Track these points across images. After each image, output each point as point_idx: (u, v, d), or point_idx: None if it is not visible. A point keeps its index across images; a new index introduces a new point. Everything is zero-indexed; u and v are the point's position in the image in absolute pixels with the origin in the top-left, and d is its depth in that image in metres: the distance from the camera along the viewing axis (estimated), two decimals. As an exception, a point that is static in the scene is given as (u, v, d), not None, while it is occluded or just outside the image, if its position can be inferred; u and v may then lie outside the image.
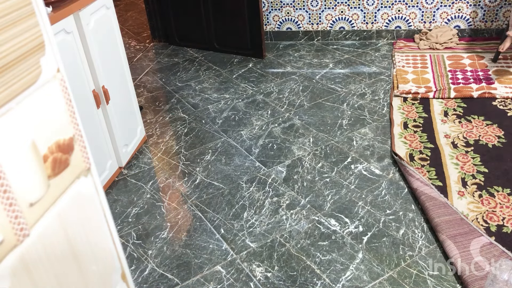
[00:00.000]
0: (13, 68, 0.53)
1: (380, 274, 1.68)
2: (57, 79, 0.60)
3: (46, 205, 0.59)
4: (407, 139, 2.40)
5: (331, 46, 3.69)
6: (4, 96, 0.52)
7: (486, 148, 2.28)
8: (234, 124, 2.70)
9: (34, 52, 0.56)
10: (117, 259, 0.75)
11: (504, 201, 1.94)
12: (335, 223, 1.93)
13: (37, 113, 0.57)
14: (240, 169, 2.31)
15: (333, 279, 1.68)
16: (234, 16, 3.50)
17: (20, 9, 0.53)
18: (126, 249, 1.89)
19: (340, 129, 2.57)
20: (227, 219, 2.00)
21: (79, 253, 0.65)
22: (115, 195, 2.19)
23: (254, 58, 3.57)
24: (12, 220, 0.52)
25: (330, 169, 2.25)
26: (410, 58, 3.31)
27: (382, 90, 2.94)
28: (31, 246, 0.56)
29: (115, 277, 0.75)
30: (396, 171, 2.20)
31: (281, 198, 2.09)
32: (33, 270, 0.56)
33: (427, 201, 1.94)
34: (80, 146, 0.65)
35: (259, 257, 1.80)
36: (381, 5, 3.59)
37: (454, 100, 2.74)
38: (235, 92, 3.07)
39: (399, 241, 1.81)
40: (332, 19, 3.71)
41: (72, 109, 0.63)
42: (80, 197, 0.66)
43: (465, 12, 3.50)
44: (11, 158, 0.52)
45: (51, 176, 0.59)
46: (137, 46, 4.06)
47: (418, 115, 2.62)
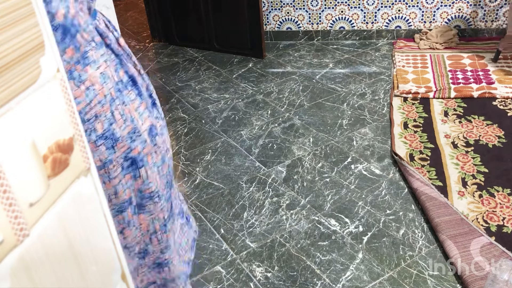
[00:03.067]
0: (13, 68, 0.52)
1: (380, 274, 1.68)
2: (57, 79, 0.60)
3: (46, 205, 0.59)
4: (407, 139, 2.40)
5: (331, 46, 3.68)
6: (4, 96, 0.52)
7: (486, 148, 2.28)
8: (234, 124, 2.70)
9: (34, 52, 0.56)
10: (117, 259, 0.75)
11: (504, 201, 1.93)
12: (335, 223, 1.93)
13: (37, 113, 0.57)
14: (240, 169, 2.31)
15: (333, 279, 1.68)
16: (234, 16, 3.50)
17: (20, 9, 0.53)
18: (126, 249, 1.89)
19: (340, 129, 2.57)
20: (227, 219, 2.00)
21: (79, 253, 0.65)
22: (115, 195, 2.19)
23: (254, 58, 3.57)
24: (12, 220, 0.52)
25: (330, 169, 2.25)
26: (410, 58, 3.31)
27: (382, 90, 2.94)
28: (31, 246, 0.56)
29: (115, 277, 0.75)
30: (396, 171, 2.20)
31: (281, 198, 2.09)
32: (33, 270, 0.56)
33: (427, 201, 1.94)
34: (80, 146, 0.65)
35: (259, 257, 1.80)
36: (381, 5, 3.59)
37: (454, 100, 2.74)
38: (235, 92, 3.07)
39: (399, 241, 1.81)
40: (332, 19, 3.71)
41: (72, 109, 0.63)
42: (80, 197, 0.66)
43: (465, 12, 3.50)
44: (11, 158, 0.52)
45: (51, 176, 0.59)
46: (137, 46, 4.06)
47: (418, 115, 2.62)
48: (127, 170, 0.97)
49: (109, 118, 0.91)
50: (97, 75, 0.89)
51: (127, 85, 0.96)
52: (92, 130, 0.89)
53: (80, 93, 0.86)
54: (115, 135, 0.92)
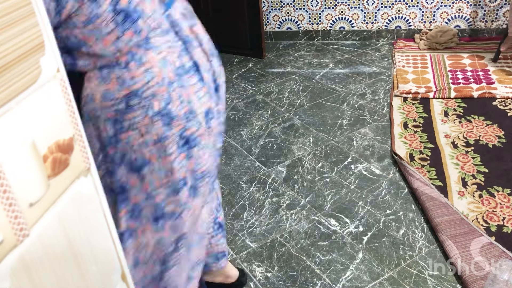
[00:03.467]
0: (13, 68, 0.52)
1: (380, 274, 1.68)
2: (57, 79, 0.60)
3: (46, 205, 0.59)
4: (407, 139, 2.40)
5: (331, 46, 3.68)
6: (4, 96, 0.52)
7: (486, 148, 2.28)
8: (234, 124, 2.70)
9: (34, 52, 0.56)
10: (117, 259, 0.75)
11: (504, 201, 1.93)
12: (335, 223, 1.93)
13: (37, 113, 0.57)
14: (240, 169, 2.31)
15: (333, 279, 1.68)
16: (234, 16, 3.50)
17: (19, 8, 0.53)
18: (126, 249, 1.89)
19: (340, 129, 2.57)
20: (227, 219, 2.00)
21: (79, 253, 0.65)
22: (115, 195, 2.19)
23: (254, 58, 3.57)
24: (12, 220, 0.52)
25: (330, 169, 2.25)
26: (410, 58, 3.31)
27: (382, 90, 2.94)
28: (31, 246, 0.56)
29: (115, 277, 0.75)
30: (396, 171, 2.20)
31: (281, 198, 2.09)
32: (33, 270, 0.56)
33: (427, 201, 1.94)
34: (80, 146, 0.65)
35: (259, 257, 1.80)
36: (381, 5, 3.59)
37: (454, 100, 2.74)
38: (235, 92, 3.07)
39: (399, 241, 1.81)
40: (332, 19, 3.71)
41: (72, 109, 0.63)
42: (80, 197, 0.66)
43: (465, 12, 3.50)
44: (11, 158, 0.52)
45: (51, 176, 0.59)
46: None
47: (418, 115, 2.62)
48: (182, 148, 1.03)
49: (166, 98, 0.98)
50: (157, 60, 0.96)
51: (190, 71, 1.03)
52: (149, 106, 0.96)
53: (139, 74, 0.94)
54: (171, 114, 0.99)
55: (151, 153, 1.00)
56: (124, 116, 0.96)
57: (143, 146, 0.99)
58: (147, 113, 0.96)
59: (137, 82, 0.94)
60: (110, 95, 0.94)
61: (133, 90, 0.94)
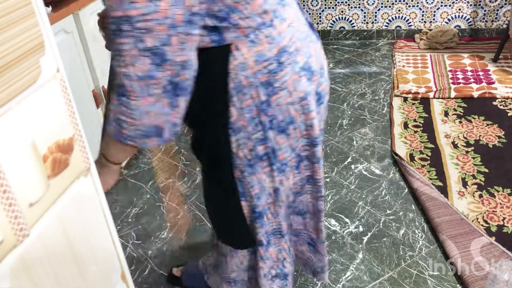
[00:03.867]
0: (13, 68, 0.52)
1: (380, 274, 1.68)
2: (57, 79, 0.60)
3: (46, 205, 0.59)
4: (408, 139, 2.40)
5: (331, 46, 3.68)
6: (4, 96, 0.52)
7: (486, 148, 2.28)
8: (234, 124, 2.70)
9: (34, 52, 0.56)
10: (117, 259, 0.75)
11: (505, 201, 1.93)
12: (335, 223, 1.93)
13: (37, 113, 0.57)
14: (240, 169, 2.31)
15: (333, 279, 1.68)
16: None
17: (19, 8, 0.53)
18: (126, 249, 1.89)
19: (340, 129, 2.57)
20: (227, 219, 2.00)
21: (79, 253, 0.65)
22: (115, 195, 2.19)
23: (254, 58, 3.56)
24: (11, 220, 0.52)
25: (330, 169, 2.25)
26: (410, 58, 3.31)
27: (383, 90, 2.94)
28: (31, 246, 0.56)
29: (115, 277, 0.75)
30: (396, 171, 2.20)
31: (281, 198, 2.09)
32: (33, 270, 0.56)
33: (427, 201, 1.94)
34: (80, 146, 0.65)
35: (259, 257, 1.80)
36: (381, 5, 3.59)
37: (455, 100, 2.74)
38: (235, 92, 3.07)
39: (399, 241, 1.81)
40: (332, 18, 3.71)
41: (72, 109, 0.63)
42: (80, 197, 0.66)
43: (465, 12, 3.50)
44: (11, 158, 0.52)
45: (51, 176, 0.59)
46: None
47: (419, 115, 2.62)
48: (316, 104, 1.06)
49: (306, 52, 1.02)
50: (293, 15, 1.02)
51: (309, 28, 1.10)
52: (295, 62, 0.99)
53: (284, 29, 0.98)
54: (311, 68, 1.03)
55: (296, 110, 1.02)
56: (276, 76, 0.97)
57: (290, 105, 1.00)
58: (294, 69, 0.99)
59: (284, 38, 0.97)
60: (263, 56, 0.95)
61: (282, 46, 0.97)
